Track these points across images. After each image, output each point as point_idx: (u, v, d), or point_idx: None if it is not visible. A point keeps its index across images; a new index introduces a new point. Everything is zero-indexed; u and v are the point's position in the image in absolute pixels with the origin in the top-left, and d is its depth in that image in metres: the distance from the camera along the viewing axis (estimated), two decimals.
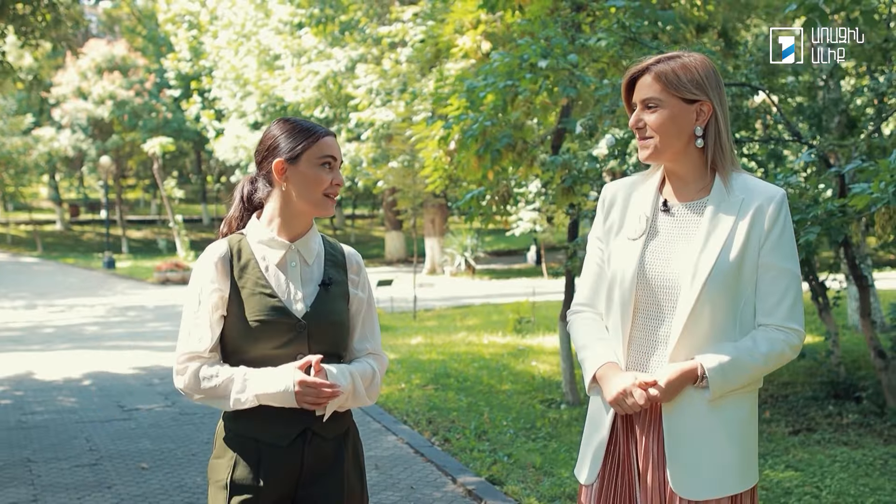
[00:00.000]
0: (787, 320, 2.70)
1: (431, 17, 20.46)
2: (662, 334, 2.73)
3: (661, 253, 2.77)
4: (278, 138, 2.87)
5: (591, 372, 2.78)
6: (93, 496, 6.14)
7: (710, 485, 2.67)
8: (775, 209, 2.71)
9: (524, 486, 6.20)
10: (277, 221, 2.89)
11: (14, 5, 10.21)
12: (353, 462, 2.94)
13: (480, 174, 9.06)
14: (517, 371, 11.00)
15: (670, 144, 2.75)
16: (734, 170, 2.79)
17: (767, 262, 2.70)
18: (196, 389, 2.75)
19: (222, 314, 2.80)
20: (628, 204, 2.89)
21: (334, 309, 2.90)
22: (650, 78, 2.75)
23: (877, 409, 8.44)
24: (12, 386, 10.60)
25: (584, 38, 8.09)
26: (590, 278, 2.96)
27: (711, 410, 2.67)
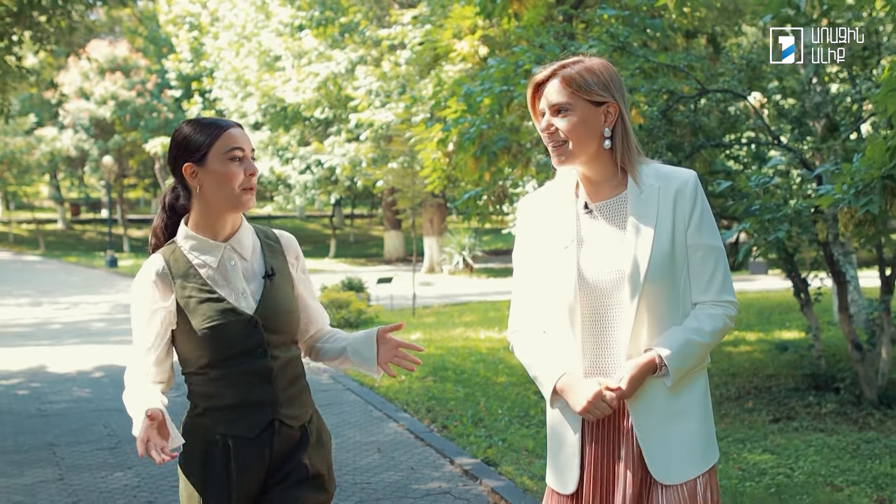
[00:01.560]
0: (721, 294, 2.79)
1: (429, 21, 20.86)
2: (614, 333, 2.78)
3: (595, 255, 2.81)
4: (182, 142, 2.81)
5: (551, 385, 2.81)
6: (115, 475, 6.60)
7: (685, 466, 2.74)
8: (692, 191, 2.79)
9: (517, 466, 6.64)
10: (204, 224, 2.85)
11: (31, 13, 10.66)
12: (317, 446, 2.96)
13: (477, 175, 9.47)
14: (512, 364, 11.42)
15: (584, 148, 2.78)
16: (641, 161, 2.86)
17: (695, 242, 2.78)
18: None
19: (171, 329, 2.81)
20: (548, 214, 2.92)
21: (283, 298, 2.91)
22: (558, 83, 2.78)
23: (853, 399, 8.88)
24: (28, 378, 11.03)
25: (576, 46, 8.48)
26: (522, 296, 2.98)
27: (671, 396, 2.75)
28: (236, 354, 2.78)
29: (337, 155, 29.89)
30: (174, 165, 2.82)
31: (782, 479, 6.36)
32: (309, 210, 51.21)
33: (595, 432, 2.80)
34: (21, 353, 13.42)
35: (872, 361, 9.00)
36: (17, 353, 13.32)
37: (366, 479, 6.45)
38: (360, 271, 29.01)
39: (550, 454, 2.95)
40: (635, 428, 2.75)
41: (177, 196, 2.89)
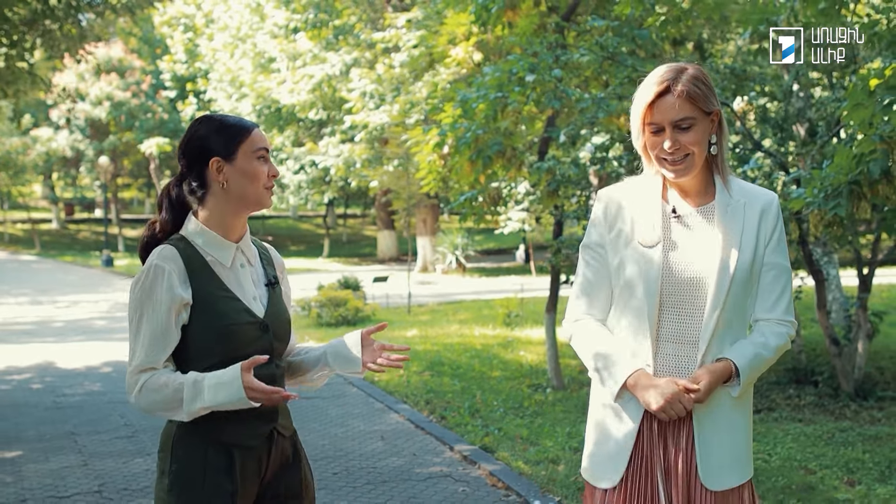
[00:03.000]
0: (786, 314, 2.82)
1: (424, 26, 21.25)
2: (690, 336, 2.79)
3: (682, 258, 2.81)
4: (207, 137, 2.77)
5: (622, 379, 2.79)
6: (135, 461, 7.03)
7: (733, 474, 2.79)
8: (776, 212, 2.83)
9: (513, 453, 7.09)
10: (219, 222, 2.80)
11: (43, 21, 11.06)
12: (305, 458, 2.98)
13: (473, 178, 9.87)
14: (506, 360, 11.86)
15: (702, 158, 2.80)
16: (730, 173, 2.89)
17: (770, 260, 2.81)
18: (146, 402, 2.64)
19: (184, 322, 2.70)
20: (633, 211, 2.89)
21: (283, 308, 2.93)
22: (678, 98, 2.73)
23: (831, 392, 9.31)
24: (39, 373, 11.44)
25: (568, 55, 8.88)
26: (587, 286, 2.96)
27: (735, 405, 2.79)
28: (245, 357, 2.67)
29: (331, 156, 30.29)
30: (196, 159, 2.78)
31: (760, 463, 6.80)
32: (302, 210, 51.63)
33: (654, 431, 2.81)
34: (28, 349, 13.81)
35: (849, 356, 9.44)
36: (25, 350, 13.71)
37: (371, 463, 6.89)
38: (355, 270, 29.38)
39: (594, 448, 2.94)
40: (696, 432, 2.78)
41: (185, 191, 2.82)
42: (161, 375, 2.64)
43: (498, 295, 19.72)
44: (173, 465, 2.72)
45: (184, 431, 2.72)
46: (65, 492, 6.26)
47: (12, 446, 7.58)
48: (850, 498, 5.87)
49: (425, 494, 6.14)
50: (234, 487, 2.71)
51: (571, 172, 9.44)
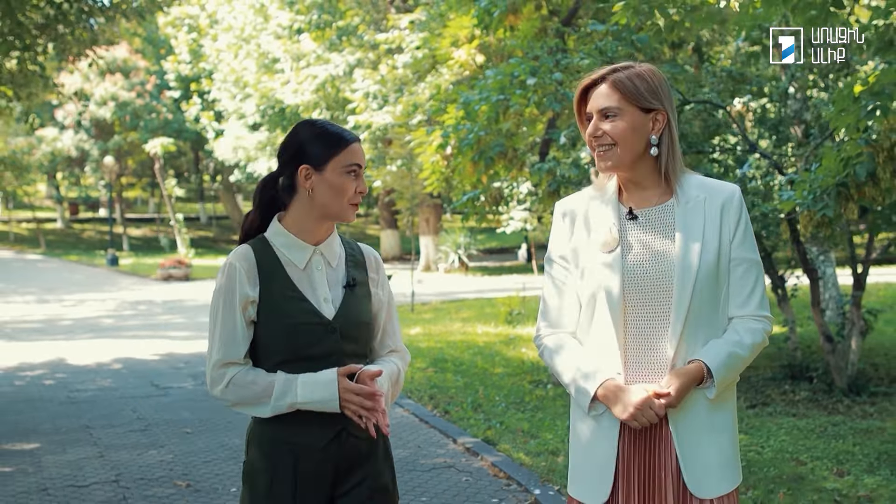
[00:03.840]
0: (759, 309, 2.79)
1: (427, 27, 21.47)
2: (658, 339, 2.75)
3: (641, 261, 2.79)
4: (305, 143, 2.83)
5: (591, 392, 2.75)
6: (149, 453, 7.29)
7: (719, 481, 2.74)
8: (738, 205, 2.79)
9: (514, 445, 7.33)
10: (300, 226, 2.87)
11: (56, 26, 11.32)
12: (384, 459, 2.95)
13: (475, 178, 10.11)
14: (508, 356, 12.11)
15: (629, 153, 2.78)
16: (684, 172, 2.86)
17: (738, 255, 2.78)
18: (234, 396, 2.76)
19: (252, 319, 2.80)
20: (589, 218, 2.89)
21: (361, 309, 2.92)
22: (607, 87, 2.77)
23: (825, 388, 9.54)
24: (50, 370, 11.69)
25: (568, 59, 9.10)
26: (554, 298, 2.94)
27: (711, 408, 2.74)
28: (311, 357, 2.78)
29: None
30: (288, 162, 2.86)
31: (753, 455, 7.04)
32: None
33: (633, 442, 2.78)
34: (38, 346, 14.05)
35: (843, 353, 9.67)
36: (35, 347, 13.95)
37: None
38: None
39: (576, 464, 2.91)
40: (675, 438, 2.74)
41: (276, 191, 2.92)
42: (249, 372, 2.77)
43: (500, 293, 19.95)
44: (246, 460, 2.88)
45: (257, 429, 2.84)
46: (83, 481, 6.52)
47: (30, 438, 7.84)
48: (838, 487, 6.10)
49: (430, 484, 6.39)
50: (295, 489, 2.77)
51: (572, 173, 9.67)
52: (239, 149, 35.69)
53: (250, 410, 2.78)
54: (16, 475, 6.70)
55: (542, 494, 6.03)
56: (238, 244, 2.93)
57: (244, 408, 2.79)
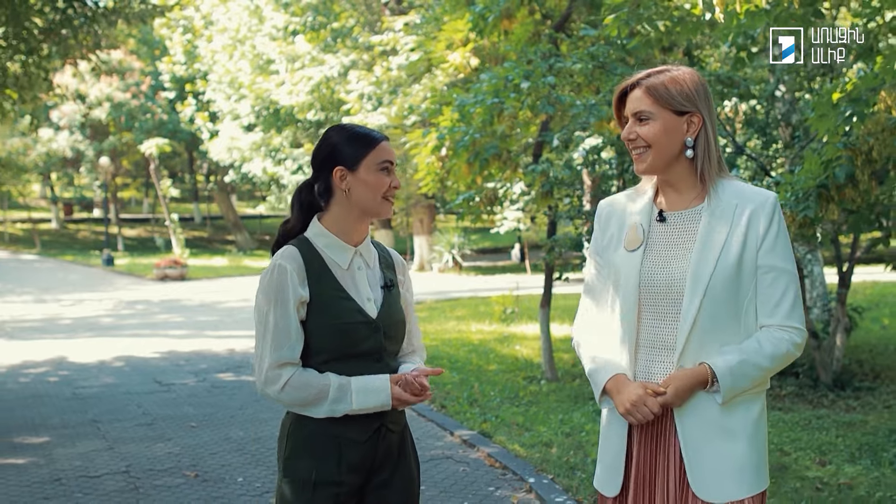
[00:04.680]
0: (787, 319, 2.74)
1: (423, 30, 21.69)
2: (669, 340, 2.78)
3: (659, 262, 2.83)
4: (337, 146, 2.95)
5: (601, 385, 2.84)
6: (157, 445, 7.55)
7: (728, 486, 2.73)
8: (769, 212, 2.77)
9: (509, 437, 7.60)
10: (341, 226, 2.98)
11: (61, 31, 11.56)
12: (413, 451, 3.12)
13: (470, 179, 10.35)
14: (502, 354, 12.37)
15: (663, 156, 2.82)
16: (723, 176, 2.87)
17: (765, 263, 2.75)
18: (289, 398, 2.86)
19: (302, 319, 2.89)
20: (624, 217, 2.96)
21: (398, 309, 3.06)
22: (640, 92, 2.81)
23: (811, 383, 9.81)
24: (54, 367, 11.92)
25: (561, 62, 9.35)
26: (589, 293, 3.03)
27: (723, 413, 2.73)
28: (357, 355, 2.92)
29: None
30: (323, 166, 2.98)
31: None
32: None
33: (642, 436, 2.83)
34: (39, 345, 14.28)
35: (828, 349, 9.94)
36: (37, 346, 14.18)
37: None
38: None
39: (599, 455, 2.99)
40: (680, 439, 2.76)
41: (314, 195, 3.03)
42: (303, 374, 2.87)
43: (494, 292, 20.17)
44: (287, 454, 2.94)
45: (298, 423, 2.93)
46: (94, 472, 6.78)
47: (39, 433, 8.09)
48: (819, 476, 6.37)
49: (429, 474, 6.64)
50: (340, 478, 2.88)
51: (564, 174, 9.95)
52: (234, 149, 35.81)
53: (303, 411, 2.88)
54: (29, 467, 6.95)
55: (537, 483, 6.29)
56: (273, 248, 3.04)
57: (300, 409, 2.89)
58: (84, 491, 6.31)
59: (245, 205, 57.48)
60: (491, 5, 10.63)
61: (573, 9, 11.23)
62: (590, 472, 6.41)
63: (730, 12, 5.76)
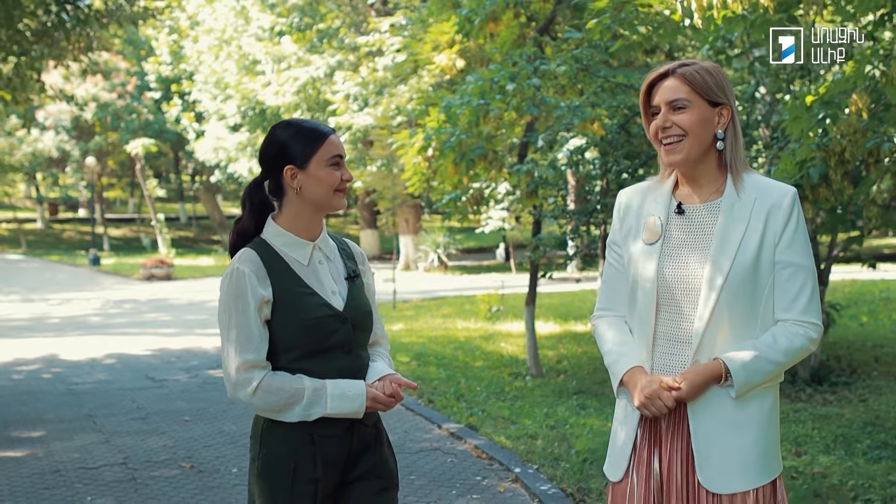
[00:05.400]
0: (804, 314, 2.76)
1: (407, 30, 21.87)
2: (685, 334, 2.80)
3: (677, 255, 2.84)
4: (284, 144, 2.93)
5: (619, 377, 2.88)
6: (152, 438, 7.75)
7: (737, 478, 2.75)
8: (788, 207, 2.77)
9: (495, 429, 7.82)
10: (296, 224, 2.98)
11: (54, 33, 11.73)
12: (388, 445, 3.14)
13: (456, 179, 10.56)
14: (488, 351, 12.58)
15: (698, 146, 2.81)
16: (745, 170, 2.86)
17: (784, 259, 2.76)
18: (262, 402, 2.86)
19: (267, 319, 2.89)
20: (643, 209, 2.96)
21: (364, 300, 3.08)
22: (676, 80, 2.81)
23: (790, 378, 10.03)
24: (46, 364, 12.09)
25: (546, 64, 9.55)
26: (609, 282, 3.05)
27: (736, 407, 2.76)
28: (327, 349, 2.93)
29: None
30: (272, 166, 2.97)
31: None
32: None
33: (652, 428, 2.87)
34: (30, 343, 14.42)
35: None
36: (27, 344, 14.32)
37: None
38: None
39: (610, 442, 3.04)
40: (692, 431, 2.79)
41: (264, 194, 3.03)
42: (275, 377, 2.87)
43: (479, 291, 20.36)
44: (262, 452, 2.95)
45: (271, 422, 2.93)
46: (93, 463, 6.98)
47: (37, 427, 8.27)
48: (795, 465, 6.60)
49: (418, 465, 6.87)
50: (317, 475, 2.91)
51: (549, 174, 10.15)
52: (219, 149, 35.87)
53: (275, 416, 2.88)
54: (28, 459, 7.14)
55: (523, 472, 6.52)
56: (231, 250, 3.03)
57: (272, 413, 2.88)
58: (83, 482, 6.51)
59: (231, 205, 57.50)
60: (477, 8, 10.80)
61: (557, 12, 11.44)
62: (574, 462, 6.64)
63: (707, 18, 5.98)
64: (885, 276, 20.14)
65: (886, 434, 7.36)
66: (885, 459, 6.64)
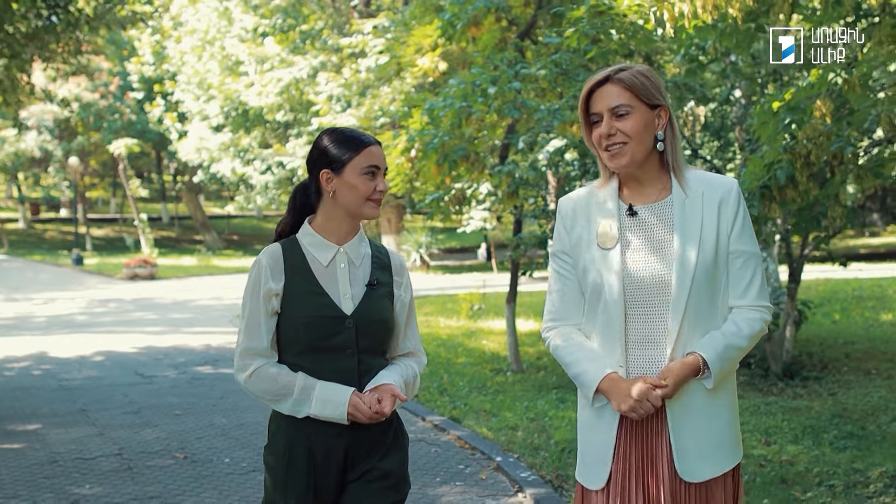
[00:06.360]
0: (758, 299, 2.86)
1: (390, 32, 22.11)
2: (658, 334, 2.84)
3: (639, 257, 2.87)
4: (325, 149, 3.03)
5: (594, 385, 2.86)
6: (145, 431, 8.01)
7: (710, 465, 2.84)
8: (735, 199, 2.86)
9: (477, 422, 8.12)
10: (327, 226, 3.07)
11: (44, 36, 11.94)
12: (395, 448, 3.12)
13: (439, 179, 10.81)
14: (470, 348, 12.86)
15: (642, 150, 2.85)
16: (684, 166, 2.94)
17: (736, 248, 2.85)
18: (255, 388, 3.01)
19: (276, 311, 3.00)
20: (590, 215, 2.96)
21: (380, 308, 3.08)
22: (616, 87, 2.83)
23: (762, 373, 10.35)
24: (35, 361, 12.29)
25: (526, 68, 9.81)
26: (558, 292, 3.03)
27: (710, 397, 2.83)
28: (328, 349, 3.00)
29: (298, 157, 31.05)
30: (312, 168, 3.09)
31: None
32: (267, 210, 52.33)
33: (630, 431, 2.89)
34: (17, 341, 14.59)
35: (779, 341, 10.50)
36: (14, 342, 14.50)
37: None
38: None
39: (581, 450, 3.03)
40: (671, 426, 2.83)
41: (307, 195, 3.14)
42: (272, 367, 3.01)
43: (461, 290, 20.56)
44: (268, 442, 3.12)
45: (277, 416, 3.08)
46: (89, 454, 7.22)
47: (32, 420, 8.51)
48: (764, 454, 6.90)
49: None
50: (311, 471, 3.00)
51: (530, 175, 10.42)
52: (202, 150, 35.93)
53: (271, 404, 3.02)
54: (26, 451, 7.38)
55: (504, 461, 6.81)
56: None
57: (265, 401, 3.04)
58: (81, 471, 6.75)
59: (213, 204, 57.58)
60: (459, 12, 11.04)
61: (538, 16, 11.71)
62: (553, 451, 6.94)
63: (679, 27, 6.27)
64: (858, 275, 20.56)
65: (853, 425, 7.68)
66: (849, 449, 6.95)
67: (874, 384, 9.38)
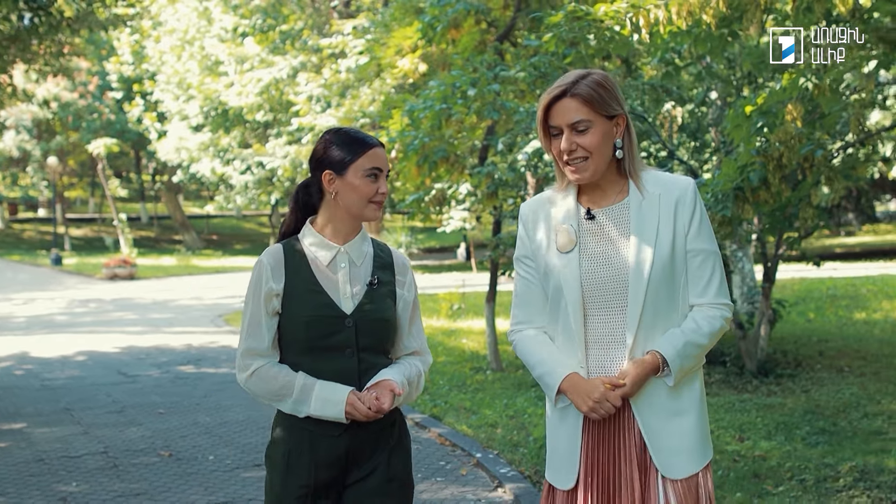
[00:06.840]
0: (718, 297, 2.88)
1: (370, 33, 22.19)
2: (617, 334, 2.87)
3: (597, 259, 2.89)
4: (328, 150, 3.02)
5: (556, 385, 2.88)
6: (130, 429, 8.10)
7: (688, 462, 2.87)
8: (692, 198, 2.88)
9: (457, 419, 8.25)
10: (327, 226, 3.07)
11: (28, 38, 11.99)
12: (397, 449, 3.11)
13: (420, 180, 10.92)
14: (450, 346, 13.00)
15: (603, 162, 2.87)
16: (641, 169, 2.95)
17: (694, 247, 2.87)
18: (255, 388, 3.02)
19: (277, 311, 3.00)
20: (549, 219, 2.99)
21: (381, 307, 3.06)
22: (575, 101, 2.82)
23: (737, 371, 10.51)
24: (17, 361, 12.35)
25: (506, 70, 9.93)
26: (523, 296, 3.06)
27: (673, 394, 2.85)
28: (327, 349, 2.99)
29: (278, 157, 31.13)
30: (315, 168, 3.07)
31: None
32: (246, 209, 52.31)
33: (596, 430, 2.91)
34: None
35: (753, 339, 10.67)
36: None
37: None
38: None
39: (550, 451, 3.05)
40: (640, 425, 2.86)
41: (309, 195, 3.14)
42: (272, 367, 3.01)
43: (441, 290, 20.69)
44: (271, 437, 3.13)
45: (280, 416, 3.09)
46: (75, 452, 7.31)
47: (16, 419, 8.59)
48: (737, 449, 7.05)
49: None
50: (310, 469, 3.00)
51: (509, 176, 10.56)
52: (182, 149, 35.93)
53: (272, 404, 3.04)
54: (12, 449, 7.46)
55: (483, 457, 6.95)
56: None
57: (266, 401, 3.04)
58: (67, 469, 6.84)
59: (192, 204, 57.50)
60: (439, 15, 11.14)
61: (517, 19, 11.84)
62: (532, 448, 7.07)
63: (654, 33, 6.42)
64: (832, 275, 20.82)
65: (825, 421, 7.85)
66: (821, 444, 7.12)
67: (846, 381, 9.56)
